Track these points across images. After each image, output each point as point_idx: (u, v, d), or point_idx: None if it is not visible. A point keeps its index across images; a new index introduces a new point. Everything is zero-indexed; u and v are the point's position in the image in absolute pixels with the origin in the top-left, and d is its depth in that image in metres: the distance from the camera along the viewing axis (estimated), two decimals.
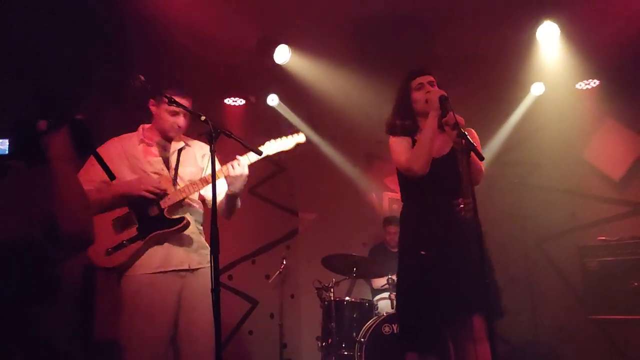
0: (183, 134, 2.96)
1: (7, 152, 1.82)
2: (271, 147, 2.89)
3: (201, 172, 2.90)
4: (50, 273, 1.99)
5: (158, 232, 2.67)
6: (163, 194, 2.68)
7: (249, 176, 2.79)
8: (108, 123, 2.96)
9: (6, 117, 1.94)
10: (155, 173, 2.75)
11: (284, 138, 2.94)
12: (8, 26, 4.23)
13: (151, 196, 2.64)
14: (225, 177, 2.75)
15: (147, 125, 2.92)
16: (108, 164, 2.64)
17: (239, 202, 2.91)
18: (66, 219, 1.82)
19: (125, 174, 2.73)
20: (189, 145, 2.92)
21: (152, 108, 2.87)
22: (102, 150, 2.75)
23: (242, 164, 2.73)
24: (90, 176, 2.67)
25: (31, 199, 1.85)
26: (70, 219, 1.83)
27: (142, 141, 2.84)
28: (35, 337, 1.98)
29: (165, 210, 2.68)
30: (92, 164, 2.69)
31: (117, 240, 2.63)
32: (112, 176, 1.93)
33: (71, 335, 4.54)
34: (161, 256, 2.68)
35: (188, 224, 2.71)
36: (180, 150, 2.87)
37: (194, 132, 2.97)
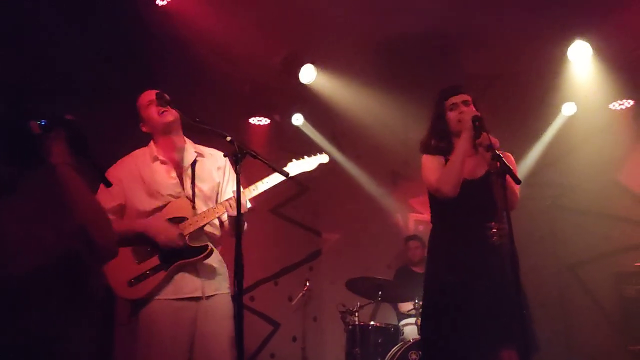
0: (195, 142, 2.88)
1: None
2: (294, 168, 2.87)
3: (217, 187, 2.84)
4: (87, 285, 1.92)
5: (182, 261, 2.61)
6: (173, 247, 2.59)
7: (272, 195, 2.79)
8: (132, 141, 2.89)
9: None
10: (171, 195, 2.69)
11: (307, 158, 2.92)
12: (38, 42, 4.31)
13: (163, 246, 2.57)
14: (229, 214, 2.68)
15: (156, 142, 2.83)
16: (123, 186, 2.65)
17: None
18: (93, 227, 1.76)
19: (143, 198, 2.67)
20: (202, 156, 2.84)
21: (143, 128, 2.82)
22: (115, 172, 2.71)
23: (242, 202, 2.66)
24: (105, 203, 2.58)
25: (58, 211, 1.78)
26: (96, 227, 1.78)
27: (155, 158, 2.76)
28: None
29: (187, 237, 2.62)
30: (105, 190, 2.59)
31: (140, 271, 2.56)
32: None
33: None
34: (175, 283, 2.62)
35: (211, 253, 2.65)
36: (193, 164, 2.78)
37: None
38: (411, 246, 5.46)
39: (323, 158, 2.97)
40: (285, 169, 2.78)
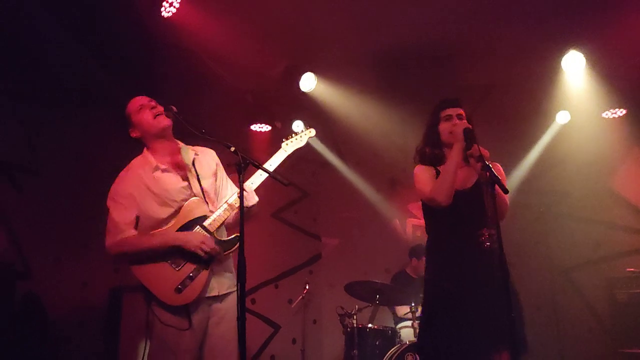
0: (185, 143, 2.91)
1: None
2: (288, 148, 2.98)
3: (217, 181, 2.90)
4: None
5: (219, 256, 2.67)
6: (215, 254, 2.63)
7: (273, 200, 2.84)
8: (131, 149, 2.91)
9: None
10: (183, 200, 2.72)
11: (296, 137, 3.03)
12: (46, 56, 4.40)
13: (205, 256, 2.59)
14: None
15: (150, 148, 2.80)
16: (135, 199, 2.64)
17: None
18: None
19: (156, 209, 2.67)
20: (197, 154, 2.87)
21: (133, 134, 2.80)
22: (122, 187, 2.68)
23: (249, 190, 2.76)
24: (126, 221, 2.62)
25: None
26: None
27: (156, 168, 2.72)
28: None
29: (215, 233, 2.67)
30: (120, 205, 2.65)
31: (182, 276, 2.58)
32: None
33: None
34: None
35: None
36: (193, 164, 2.81)
37: (222, 161, 3.00)
38: (412, 264, 5.46)
39: (311, 132, 3.11)
40: (280, 151, 2.93)
